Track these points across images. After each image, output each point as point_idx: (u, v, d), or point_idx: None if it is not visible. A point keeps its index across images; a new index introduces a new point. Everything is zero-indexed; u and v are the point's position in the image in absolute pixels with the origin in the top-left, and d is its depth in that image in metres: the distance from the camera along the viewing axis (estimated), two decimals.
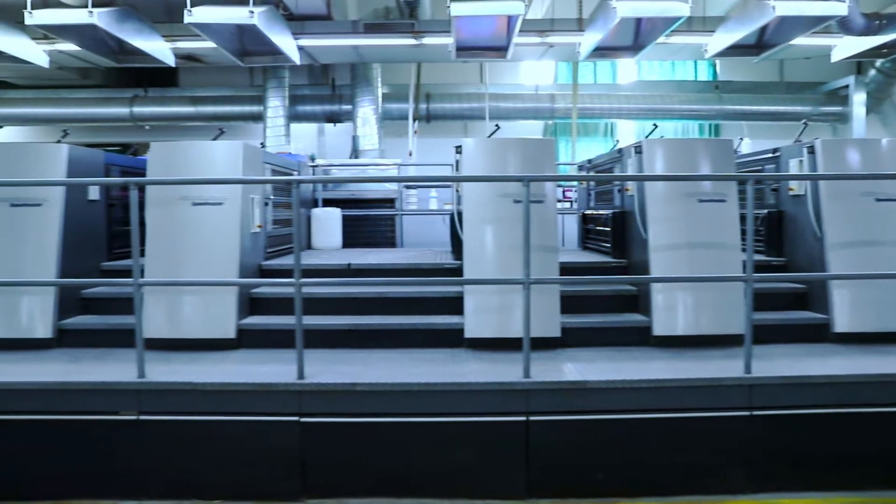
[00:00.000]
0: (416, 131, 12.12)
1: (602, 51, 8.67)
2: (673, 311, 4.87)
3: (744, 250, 4.43)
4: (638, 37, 8.51)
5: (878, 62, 11.16)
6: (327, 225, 7.80)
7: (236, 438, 4.03)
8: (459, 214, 5.15)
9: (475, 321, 4.85)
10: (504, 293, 4.78)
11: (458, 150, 5.27)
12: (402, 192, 9.57)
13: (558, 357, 4.57)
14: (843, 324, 4.90)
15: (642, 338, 4.88)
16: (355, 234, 8.59)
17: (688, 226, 4.93)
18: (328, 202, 8.69)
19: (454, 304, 5.03)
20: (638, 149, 5.23)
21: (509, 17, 7.47)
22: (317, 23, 8.89)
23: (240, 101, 11.95)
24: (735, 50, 8.36)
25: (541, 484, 4.02)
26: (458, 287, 5.10)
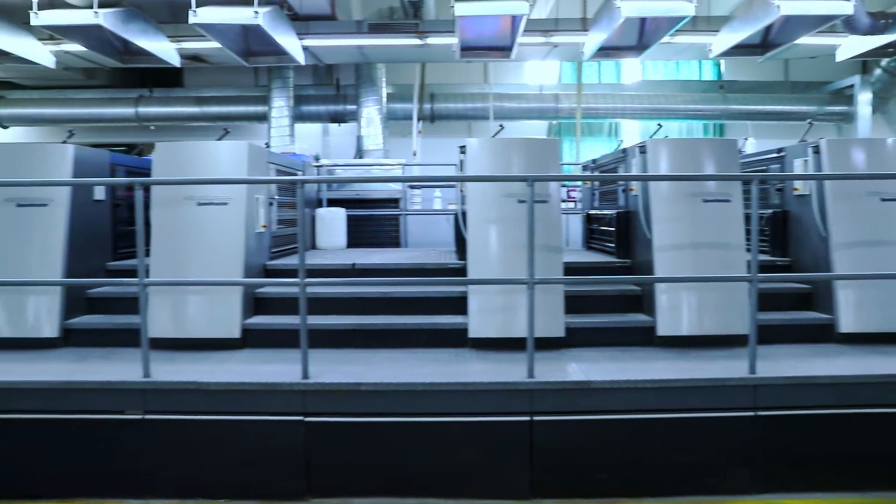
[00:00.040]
0: (420, 131, 12.13)
1: (606, 50, 8.65)
2: (677, 312, 4.86)
3: (748, 250, 4.42)
4: (642, 36, 8.50)
5: (884, 61, 11.12)
6: (332, 225, 7.81)
7: (241, 438, 4.04)
8: (463, 214, 5.15)
9: (479, 321, 4.85)
10: (508, 293, 4.79)
11: (462, 150, 5.27)
12: (406, 192, 9.58)
13: (562, 357, 4.57)
14: (847, 324, 4.89)
15: (646, 338, 4.87)
16: (360, 233, 8.60)
17: (692, 226, 4.93)
18: (333, 202, 8.70)
19: (458, 304, 5.03)
20: (642, 149, 5.22)
21: (513, 17, 7.47)
22: (321, 23, 8.91)
23: (244, 101, 11.98)
24: (740, 49, 8.33)
25: (545, 484, 4.02)
26: (463, 287, 5.11)
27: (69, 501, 4.04)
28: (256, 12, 7.03)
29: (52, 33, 7.96)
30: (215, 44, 8.05)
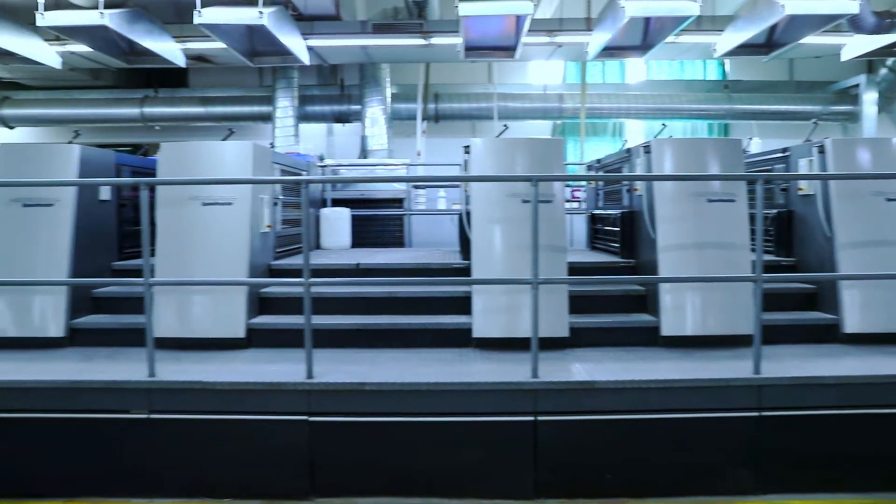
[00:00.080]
0: (424, 131, 12.13)
1: (611, 50, 8.65)
2: (681, 312, 4.86)
3: (753, 250, 4.42)
4: (647, 36, 8.49)
5: (890, 61, 11.09)
6: (336, 225, 7.82)
7: (246, 437, 4.05)
8: (468, 214, 5.15)
9: (483, 321, 4.85)
10: (512, 293, 4.79)
11: (466, 149, 5.27)
12: (410, 192, 9.59)
13: (566, 357, 4.57)
14: (852, 324, 4.88)
15: (651, 338, 4.87)
16: (364, 233, 8.61)
17: (697, 226, 4.92)
18: (337, 202, 8.71)
19: (462, 304, 5.04)
20: (647, 148, 5.22)
21: (518, 17, 7.47)
22: (325, 23, 8.93)
23: (249, 101, 12.00)
24: (744, 49, 8.32)
25: (549, 484, 4.03)
26: (467, 287, 5.11)
27: (75, 500, 4.06)
28: (261, 12, 7.04)
29: (58, 34, 7.99)
30: (220, 44, 8.07)
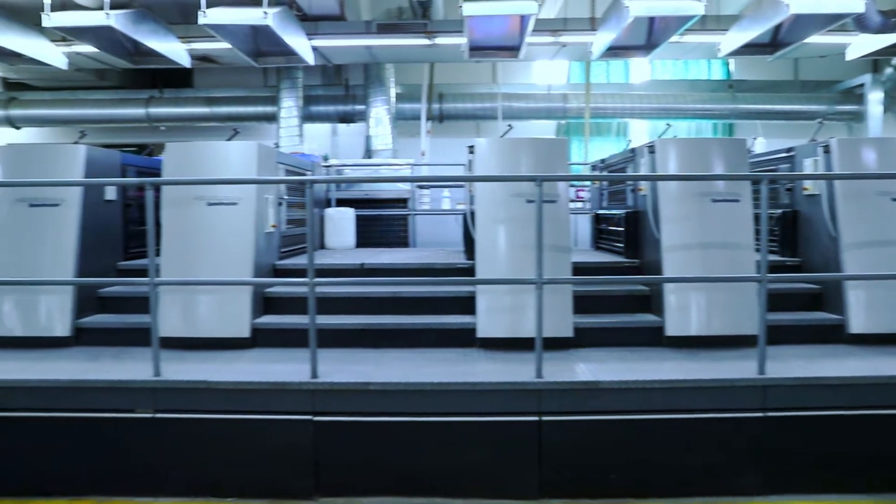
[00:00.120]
0: (428, 131, 12.13)
1: (615, 50, 8.63)
2: (686, 312, 4.85)
3: (758, 250, 4.41)
4: (651, 36, 8.47)
5: (895, 60, 11.04)
6: (340, 225, 7.83)
7: (250, 437, 4.07)
8: (472, 214, 5.16)
9: (487, 321, 4.86)
10: (516, 293, 4.79)
11: (470, 149, 5.28)
12: (414, 191, 9.60)
13: (571, 357, 4.57)
14: (858, 325, 4.86)
15: (655, 338, 4.86)
16: (368, 233, 8.62)
17: (701, 226, 4.91)
18: (341, 202, 8.73)
19: (466, 304, 5.04)
20: (651, 148, 5.22)
21: (522, 17, 7.46)
22: (330, 23, 8.94)
23: (254, 101, 12.02)
24: (749, 48, 8.29)
25: (553, 484, 4.03)
26: (471, 287, 5.11)
27: (80, 499, 4.07)
28: (266, 13, 7.06)
29: (64, 35, 8.01)
30: (225, 44, 8.08)
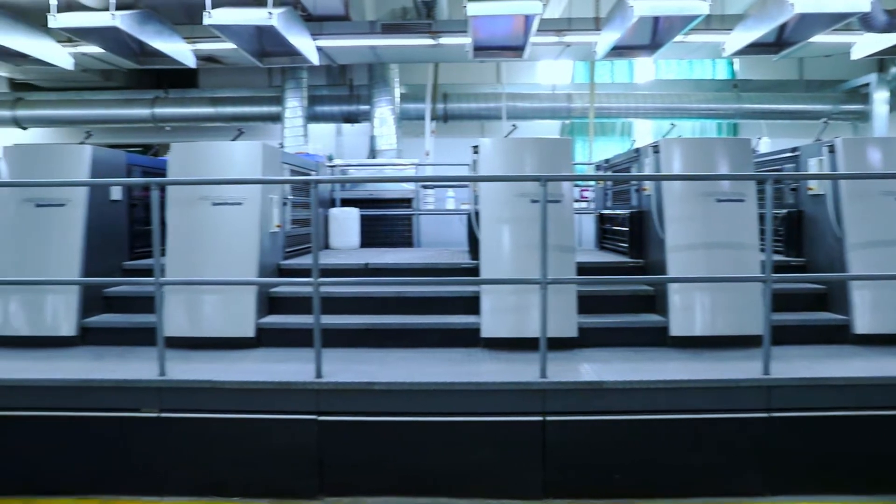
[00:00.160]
0: (433, 131, 12.15)
1: (619, 50, 8.62)
2: (690, 312, 4.85)
3: (762, 250, 4.40)
4: (655, 35, 8.46)
5: None
6: (345, 225, 7.84)
7: (255, 436, 4.08)
8: (476, 214, 5.16)
9: (492, 321, 4.86)
10: (521, 293, 4.79)
11: (475, 149, 5.28)
12: (419, 191, 9.61)
13: (575, 357, 4.57)
14: (863, 325, 4.85)
15: (659, 338, 4.86)
16: (373, 233, 8.64)
17: (705, 226, 4.91)
18: (346, 202, 8.74)
19: (471, 304, 5.05)
20: (655, 148, 5.21)
21: (526, 17, 7.47)
22: (335, 23, 8.96)
23: (259, 101, 12.06)
24: (754, 48, 8.27)
25: (557, 484, 4.03)
26: (475, 287, 5.12)
27: (86, 498, 4.09)
28: (270, 13, 7.07)
29: (70, 35, 8.05)
30: (230, 45, 8.11)
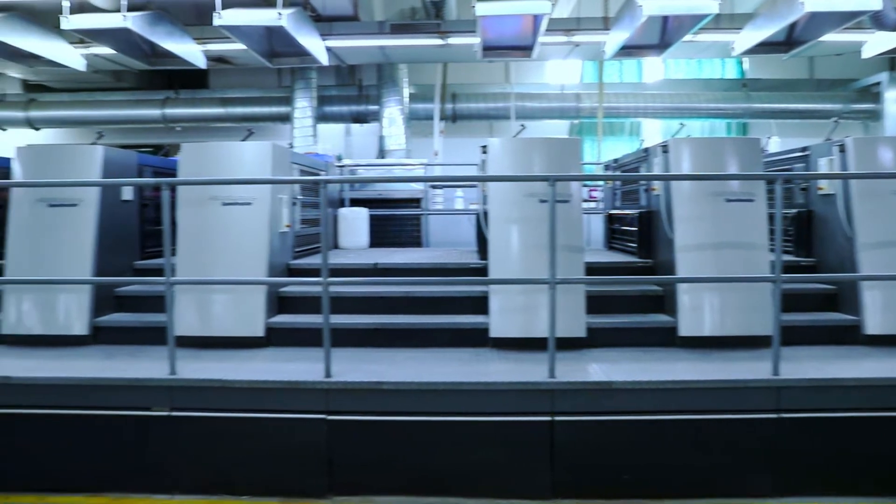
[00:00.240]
0: (442, 131, 12.16)
1: (628, 49, 8.61)
2: (699, 312, 4.84)
3: (772, 250, 4.39)
4: (664, 35, 8.44)
5: None
6: (354, 224, 7.87)
7: (265, 435, 4.10)
8: (485, 214, 5.17)
9: (500, 321, 4.87)
10: (529, 293, 4.80)
11: (483, 149, 5.29)
12: (428, 191, 9.62)
13: (583, 357, 4.57)
14: (874, 326, 4.82)
15: (668, 338, 4.85)
16: (382, 233, 8.66)
17: (715, 226, 4.89)
18: (355, 202, 8.76)
19: (479, 304, 5.05)
20: (664, 148, 5.20)
21: (535, 17, 7.46)
22: (344, 24, 8.98)
23: (268, 102, 12.10)
24: (763, 47, 8.23)
25: (566, 484, 4.03)
26: (484, 287, 5.12)
27: (97, 495, 4.12)
28: (280, 14, 7.10)
29: (82, 37, 8.10)
30: (240, 45, 8.14)
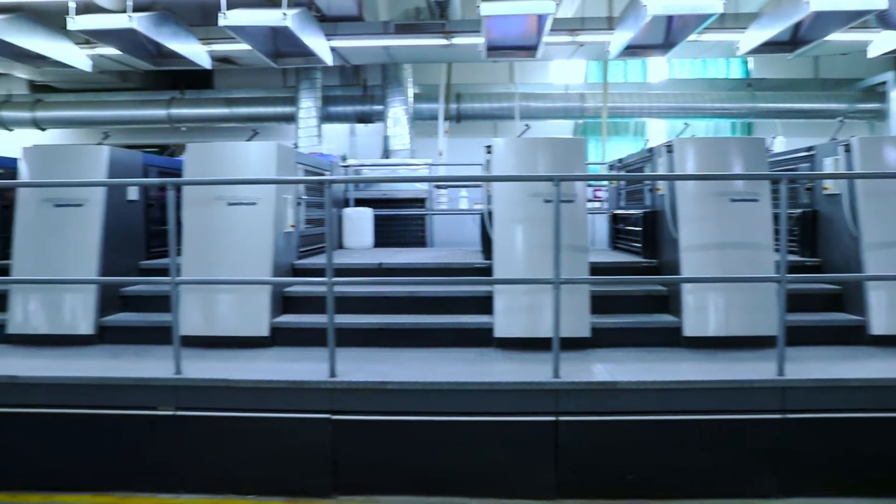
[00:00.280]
0: (446, 131, 12.16)
1: (632, 49, 8.59)
2: (704, 312, 4.83)
3: (777, 250, 4.38)
4: (669, 34, 8.43)
5: None
6: (359, 224, 7.88)
7: (269, 435, 4.11)
8: (489, 214, 5.17)
9: (505, 321, 4.87)
10: (534, 293, 4.80)
11: (488, 149, 5.29)
12: (432, 191, 9.63)
13: (588, 357, 4.56)
14: (879, 326, 4.80)
15: (673, 339, 4.84)
16: (386, 233, 8.66)
17: (719, 225, 4.88)
18: (360, 202, 8.77)
19: (484, 304, 5.05)
20: (669, 148, 5.19)
21: (539, 17, 7.46)
22: (348, 24, 9.00)
23: (273, 102, 12.12)
24: (768, 46, 8.21)
25: (570, 484, 4.03)
26: (488, 287, 5.13)
27: (103, 494, 4.14)
28: (285, 14, 7.11)
29: (88, 37, 8.13)
30: (245, 46, 8.16)
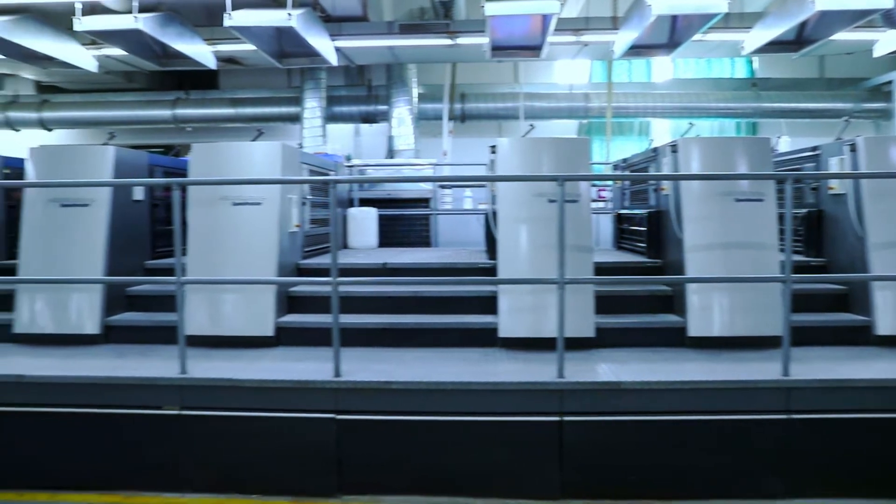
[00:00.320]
0: (450, 131, 12.16)
1: (637, 49, 8.58)
2: (709, 312, 4.82)
3: (782, 250, 4.37)
4: (673, 34, 8.42)
5: None
6: (363, 224, 7.89)
7: (274, 434, 4.12)
8: (494, 214, 5.17)
9: (509, 321, 4.87)
10: (538, 293, 4.80)
11: (492, 149, 5.30)
12: (436, 191, 9.63)
13: (592, 357, 4.56)
14: (885, 326, 4.79)
15: (677, 339, 4.84)
16: (391, 233, 8.68)
17: (724, 225, 4.88)
18: (364, 202, 8.79)
19: (488, 304, 5.06)
20: (674, 148, 5.19)
21: (544, 17, 7.46)
22: (353, 24, 9.00)
23: (278, 102, 12.14)
24: (773, 46, 8.19)
25: (575, 484, 4.03)
26: (493, 287, 5.13)
27: (108, 493, 4.16)
28: (290, 14, 7.12)
29: (94, 38, 8.16)
30: (250, 46, 8.17)
